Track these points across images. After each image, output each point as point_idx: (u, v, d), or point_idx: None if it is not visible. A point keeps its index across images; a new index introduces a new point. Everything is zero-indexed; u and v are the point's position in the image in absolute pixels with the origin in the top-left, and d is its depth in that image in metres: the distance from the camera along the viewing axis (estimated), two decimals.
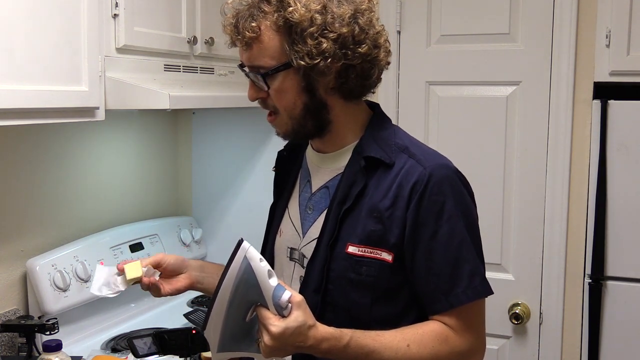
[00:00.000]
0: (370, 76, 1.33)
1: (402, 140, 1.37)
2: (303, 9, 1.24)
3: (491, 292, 1.32)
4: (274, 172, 1.55)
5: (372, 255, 1.29)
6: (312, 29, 1.24)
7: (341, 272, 1.30)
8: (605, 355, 2.31)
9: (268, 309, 1.17)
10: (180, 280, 1.48)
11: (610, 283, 2.29)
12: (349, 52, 1.27)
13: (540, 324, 2.46)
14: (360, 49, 1.28)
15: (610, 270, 2.29)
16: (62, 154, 2.21)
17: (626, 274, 2.27)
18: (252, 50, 1.28)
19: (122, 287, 1.43)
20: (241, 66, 1.36)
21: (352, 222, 1.31)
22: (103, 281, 1.43)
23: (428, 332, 1.27)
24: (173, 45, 2.10)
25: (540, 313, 2.45)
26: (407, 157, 1.32)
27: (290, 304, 1.16)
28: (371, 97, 1.45)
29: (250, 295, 1.17)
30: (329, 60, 1.25)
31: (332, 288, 1.31)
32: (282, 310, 1.16)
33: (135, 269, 1.43)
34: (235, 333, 1.20)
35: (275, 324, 1.15)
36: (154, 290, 1.46)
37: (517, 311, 2.45)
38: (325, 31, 1.25)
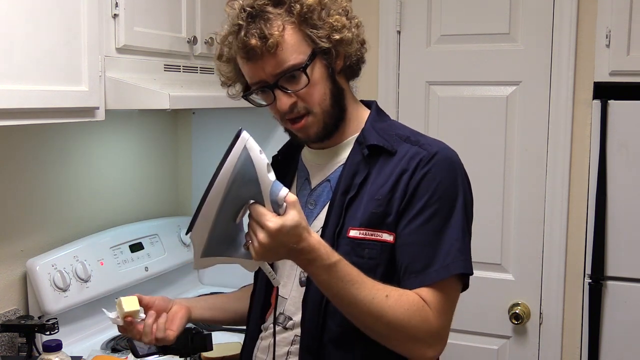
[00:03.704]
0: (366, 43, 1.41)
1: (403, 130, 1.40)
2: None
3: (468, 271, 1.30)
4: None
5: (373, 237, 1.30)
6: (324, 9, 1.31)
7: (344, 256, 1.28)
8: (605, 355, 2.31)
9: (263, 206, 1.13)
10: (177, 312, 1.42)
11: (610, 283, 2.29)
12: (352, 22, 1.35)
13: (540, 324, 2.46)
14: (355, 19, 1.37)
15: (610, 270, 2.29)
16: (62, 154, 2.21)
17: (626, 274, 2.27)
18: (280, 53, 1.28)
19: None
20: (253, 86, 1.34)
21: (355, 209, 1.32)
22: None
23: (407, 295, 1.26)
24: (173, 45, 2.09)
25: (540, 313, 2.45)
26: (410, 145, 1.35)
27: (285, 203, 1.13)
28: (372, 97, 1.48)
29: (245, 191, 1.11)
30: (352, 29, 1.34)
31: None
32: (278, 208, 1.12)
33: (130, 302, 1.35)
34: (223, 235, 1.15)
35: (273, 219, 1.12)
36: (161, 335, 1.38)
37: (517, 311, 2.45)
38: (332, 9, 1.32)
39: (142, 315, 1.35)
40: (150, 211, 2.63)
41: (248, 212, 1.16)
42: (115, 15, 1.86)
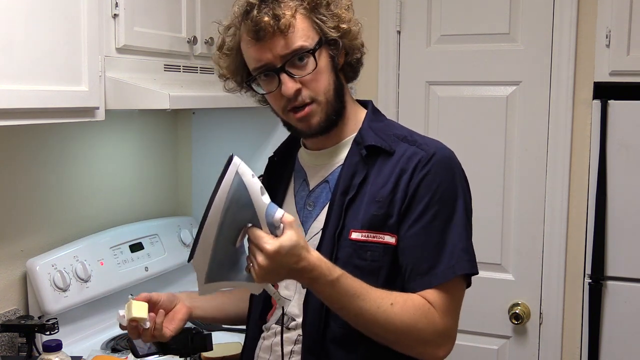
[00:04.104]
0: (364, 45, 1.42)
1: (400, 130, 1.40)
2: None
3: (473, 271, 1.31)
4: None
5: (375, 239, 1.30)
6: (333, 2, 1.33)
7: (347, 259, 1.30)
8: (605, 355, 2.31)
9: (260, 229, 1.14)
10: (178, 312, 1.43)
11: (610, 283, 2.29)
12: (354, 19, 1.38)
13: (540, 324, 2.46)
14: (356, 19, 1.39)
15: (610, 270, 2.29)
16: (62, 154, 2.21)
17: (626, 274, 2.27)
18: (291, 35, 1.29)
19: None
20: (257, 72, 1.33)
21: (355, 210, 1.32)
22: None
23: (412, 299, 1.27)
24: (173, 45, 2.10)
25: (540, 313, 2.45)
26: (408, 145, 1.35)
27: (282, 224, 1.13)
28: (372, 97, 1.48)
29: (241, 215, 1.12)
30: (358, 24, 1.36)
31: None
32: (275, 230, 1.13)
33: (140, 308, 1.35)
34: (224, 260, 1.15)
35: (270, 242, 1.12)
36: (158, 334, 1.38)
37: (517, 311, 2.45)
38: (338, 4, 1.34)
39: (147, 324, 1.36)
40: (150, 211, 2.63)
41: (247, 235, 1.17)
42: (115, 15, 1.86)
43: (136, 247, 2.36)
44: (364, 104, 1.46)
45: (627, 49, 2.20)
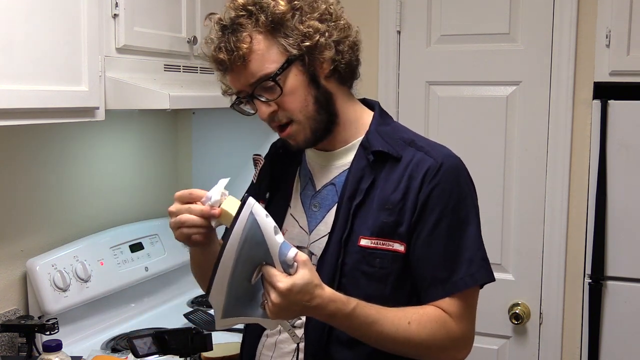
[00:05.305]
0: (358, 46, 1.38)
1: (407, 134, 1.40)
2: (282, 1, 1.28)
3: (492, 279, 1.34)
4: (261, 162, 1.55)
5: (384, 246, 1.31)
6: (297, 15, 1.28)
7: (355, 265, 1.31)
8: (605, 355, 2.31)
9: (274, 267, 1.16)
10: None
11: (610, 283, 2.29)
12: (334, 26, 1.32)
13: (540, 324, 2.46)
14: (340, 22, 1.34)
15: (610, 270, 2.29)
16: (62, 154, 2.21)
17: (626, 274, 2.27)
18: (250, 64, 1.28)
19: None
20: (238, 96, 1.35)
21: (364, 216, 1.32)
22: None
23: (428, 314, 1.29)
24: (173, 45, 2.10)
25: (540, 313, 2.45)
26: (415, 150, 1.34)
27: (296, 263, 1.16)
28: (371, 97, 1.47)
29: (256, 254, 1.16)
30: (326, 34, 1.30)
31: (345, 282, 1.31)
32: (288, 268, 1.16)
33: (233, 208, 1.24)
34: (240, 296, 1.19)
35: (283, 280, 1.14)
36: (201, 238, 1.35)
37: (517, 311, 2.45)
38: (308, 14, 1.29)
39: (214, 224, 1.30)
40: (150, 211, 2.63)
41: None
42: (115, 15, 1.86)
43: (136, 247, 2.36)
44: (371, 104, 1.45)
45: (627, 49, 2.20)
